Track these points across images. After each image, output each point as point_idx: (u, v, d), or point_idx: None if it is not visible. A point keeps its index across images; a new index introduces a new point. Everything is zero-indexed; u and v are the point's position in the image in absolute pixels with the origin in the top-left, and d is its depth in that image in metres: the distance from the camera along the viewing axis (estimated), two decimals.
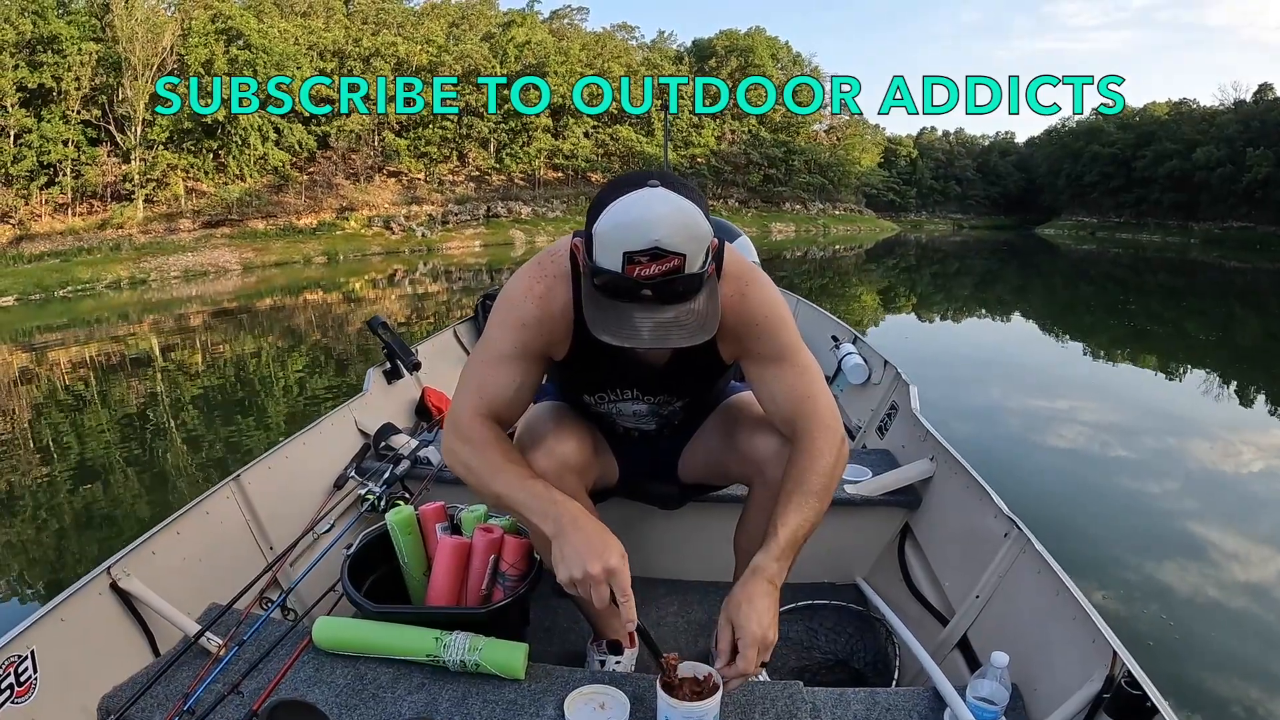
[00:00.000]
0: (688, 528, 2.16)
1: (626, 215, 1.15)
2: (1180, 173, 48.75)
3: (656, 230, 1.13)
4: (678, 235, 1.14)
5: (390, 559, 1.63)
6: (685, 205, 1.16)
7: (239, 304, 15.62)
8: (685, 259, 1.15)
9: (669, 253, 1.14)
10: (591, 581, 1.21)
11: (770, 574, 1.28)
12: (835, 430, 1.40)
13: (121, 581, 1.54)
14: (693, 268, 1.17)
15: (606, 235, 1.16)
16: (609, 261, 1.17)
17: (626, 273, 1.15)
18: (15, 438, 6.04)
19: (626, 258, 1.14)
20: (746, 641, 1.20)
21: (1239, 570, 3.68)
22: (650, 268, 1.14)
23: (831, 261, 26.99)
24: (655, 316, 1.18)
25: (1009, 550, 1.69)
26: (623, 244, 1.14)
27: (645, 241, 1.13)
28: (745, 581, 1.28)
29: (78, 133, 25.48)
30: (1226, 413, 6.94)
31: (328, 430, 2.51)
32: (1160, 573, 3.58)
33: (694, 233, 1.16)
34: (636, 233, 1.13)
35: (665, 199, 1.16)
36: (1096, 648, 1.31)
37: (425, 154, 34.30)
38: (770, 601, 1.25)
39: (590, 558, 1.21)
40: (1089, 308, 14.95)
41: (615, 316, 1.19)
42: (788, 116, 48.80)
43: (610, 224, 1.16)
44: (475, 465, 1.36)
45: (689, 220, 1.16)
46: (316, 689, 1.37)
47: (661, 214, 1.14)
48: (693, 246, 1.16)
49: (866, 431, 3.02)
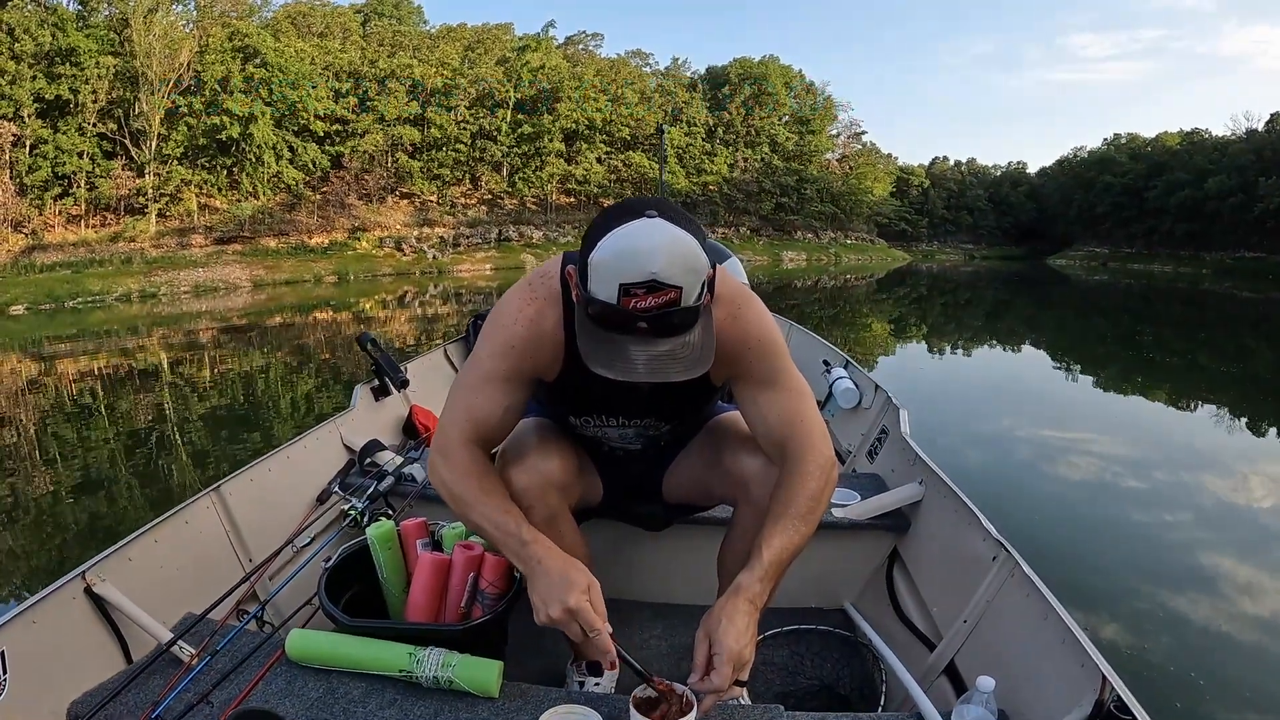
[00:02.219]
0: (672, 550, 2.13)
1: (624, 246, 1.13)
2: (1192, 203, 48.75)
3: (654, 262, 1.11)
4: (675, 268, 1.12)
5: (370, 574, 1.60)
6: (683, 237, 1.14)
7: (248, 321, 15.68)
8: (682, 292, 1.13)
9: (666, 285, 1.12)
10: (559, 624, 1.22)
11: (752, 594, 1.25)
12: (825, 454, 1.38)
13: (96, 586, 1.52)
14: (689, 300, 1.15)
15: (603, 266, 1.14)
16: (604, 292, 1.14)
17: (622, 304, 1.13)
18: (19, 444, 6.03)
19: (623, 289, 1.12)
20: (722, 657, 1.18)
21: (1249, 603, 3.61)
22: (647, 300, 1.12)
23: (843, 291, 26.96)
24: (651, 350, 1.17)
25: (997, 574, 1.66)
26: (619, 275, 1.12)
27: (643, 274, 1.11)
28: (726, 599, 1.25)
29: (93, 145, 25.84)
30: (1239, 444, 6.85)
31: (312, 445, 2.49)
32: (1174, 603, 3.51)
33: (691, 265, 1.14)
34: (634, 264, 1.11)
35: (663, 230, 1.13)
36: (1085, 672, 1.27)
37: (438, 176, 34.65)
38: (749, 621, 1.23)
39: (552, 601, 1.21)
40: (1101, 339, 14.86)
41: (610, 349, 1.18)
42: (800, 144, 49.08)
43: (607, 254, 1.14)
44: (456, 491, 1.37)
45: (687, 252, 1.14)
46: (287, 701, 1.34)
47: (659, 245, 1.12)
48: (690, 279, 1.14)
49: (857, 456, 2.98)
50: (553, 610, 1.21)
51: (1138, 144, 59.20)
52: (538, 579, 1.25)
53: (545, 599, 1.22)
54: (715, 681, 1.18)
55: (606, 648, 1.21)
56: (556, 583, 1.23)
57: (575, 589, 1.21)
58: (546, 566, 1.25)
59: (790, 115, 50.63)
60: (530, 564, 1.27)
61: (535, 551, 1.28)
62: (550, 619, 1.22)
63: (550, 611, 1.21)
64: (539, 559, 1.27)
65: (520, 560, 1.29)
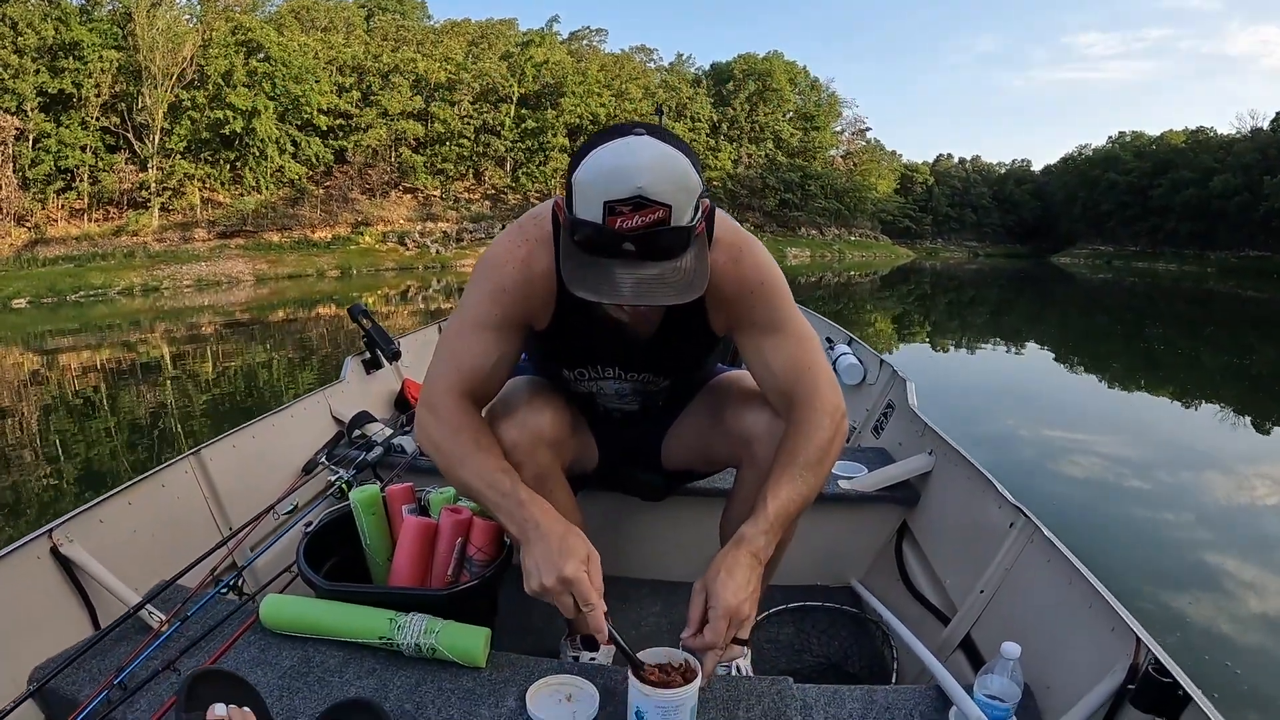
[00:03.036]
0: (672, 524, 2.05)
1: (609, 162, 1.06)
2: (1197, 201, 48.49)
3: (640, 177, 1.03)
4: (663, 183, 1.04)
5: (353, 542, 1.52)
6: (672, 153, 1.07)
7: (251, 316, 15.61)
8: (671, 210, 1.06)
9: (653, 202, 1.04)
10: (551, 595, 1.12)
11: (755, 547, 1.16)
12: (834, 402, 1.30)
13: (63, 547, 1.45)
14: (680, 220, 1.07)
15: (586, 184, 1.07)
16: (589, 213, 1.07)
17: (608, 224, 1.06)
18: (21, 437, 5.97)
19: (608, 208, 1.05)
20: (718, 611, 1.09)
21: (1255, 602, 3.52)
22: (633, 218, 1.05)
23: (847, 288, 26.85)
24: (638, 273, 1.08)
25: (1015, 541, 1.58)
26: (604, 193, 1.05)
27: (628, 189, 1.03)
28: (727, 551, 1.17)
29: (96, 139, 25.81)
30: (1243, 443, 6.74)
31: (299, 414, 2.41)
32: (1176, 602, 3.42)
33: (682, 183, 1.06)
34: (618, 180, 1.04)
35: (651, 146, 1.06)
36: (1117, 636, 1.19)
37: (441, 171, 34.59)
38: (751, 575, 1.14)
39: (547, 570, 1.12)
40: (1105, 337, 14.76)
41: (595, 272, 1.09)
42: (805, 140, 48.98)
43: (591, 171, 1.07)
44: (445, 447, 1.28)
45: (676, 168, 1.06)
46: (259, 670, 1.26)
47: (646, 160, 1.04)
48: (680, 198, 1.06)
49: (862, 432, 2.89)
50: (546, 578, 1.11)
51: (1143, 142, 58.94)
52: (533, 543, 1.15)
53: (540, 565, 1.13)
54: (708, 637, 1.09)
55: (600, 626, 1.12)
56: (554, 549, 1.13)
57: (573, 557, 1.12)
58: (544, 530, 1.16)
59: (795, 111, 50.64)
60: (526, 527, 1.17)
61: (532, 513, 1.18)
62: (542, 587, 1.12)
63: (544, 579, 1.12)
64: (536, 522, 1.17)
65: (515, 523, 1.19)
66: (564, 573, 1.11)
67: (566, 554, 1.12)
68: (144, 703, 1.18)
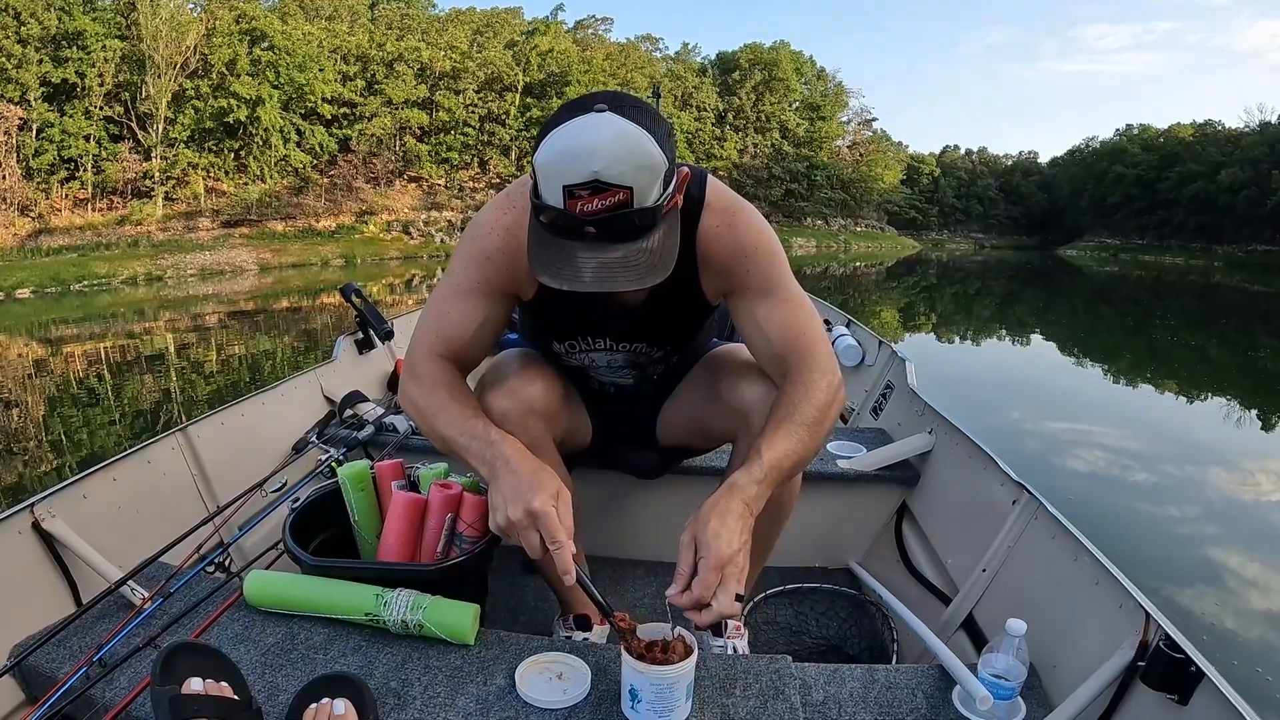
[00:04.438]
0: (667, 503, 2.01)
1: (565, 144, 1.02)
2: (1205, 195, 48.10)
3: (596, 160, 0.99)
4: (621, 165, 1.00)
5: (341, 519, 1.49)
6: (632, 132, 1.02)
7: (255, 304, 15.58)
8: (633, 192, 1.02)
9: (612, 185, 1.00)
10: (517, 529, 1.08)
11: (747, 495, 1.11)
12: (831, 369, 1.25)
13: (45, 522, 1.42)
14: (643, 201, 1.03)
15: (546, 167, 1.03)
16: (551, 196, 1.04)
17: (568, 208, 1.02)
18: (23, 424, 5.96)
19: (567, 192, 1.01)
20: (708, 561, 1.03)
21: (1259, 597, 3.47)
22: (592, 202, 1.01)
23: (852, 278, 26.76)
24: (600, 256, 1.05)
25: (1018, 518, 1.54)
26: (562, 176, 1.01)
27: (584, 174, 1.00)
28: (718, 497, 1.11)
29: (100, 128, 25.76)
30: (1251, 438, 6.68)
31: (290, 394, 2.38)
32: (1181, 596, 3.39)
33: (641, 162, 1.02)
34: (575, 164, 1.00)
35: (609, 125, 1.01)
36: (1125, 613, 1.15)
37: (446, 160, 34.49)
38: (743, 525, 1.08)
39: (513, 502, 1.08)
40: (1111, 330, 14.69)
41: (557, 256, 1.06)
42: (811, 130, 48.79)
43: (549, 154, 1.03)
44: (423, 405, 1.26)
45: (635, 148, 1.01)
46: (242, 647, 1.23)
47: (603, 142, 1.00)
48: (642, 178, 1.02)
49: (861, 413, 2.85)
50: (512, 511, 1.07)
51: (1150, 135, 58.50)
52: (501, 477, 1.12)
53: (506, 498, 1.09)
54: (696, 591, 1.03)
55: (567, 566, 1.07)
56: (523, 481, 1.09)
57: (542, 491, 1.08)
58: (514, 465, 1.12)
59: (801, 101, 50.38)
60: (496, 464, 1.14)
61: (504, 451, 1.15)
62: (509, 520, 1.08)
63: (510, 512, 1.08)
64: (506, 458, 1.13)
65: (486, 463, 1.15)
66: (531, 505, 1.06)
67: (535, 488, 1.08)
68: (124, 679, 1.16)
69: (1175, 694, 1.00)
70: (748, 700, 1.14)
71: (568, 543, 1.08)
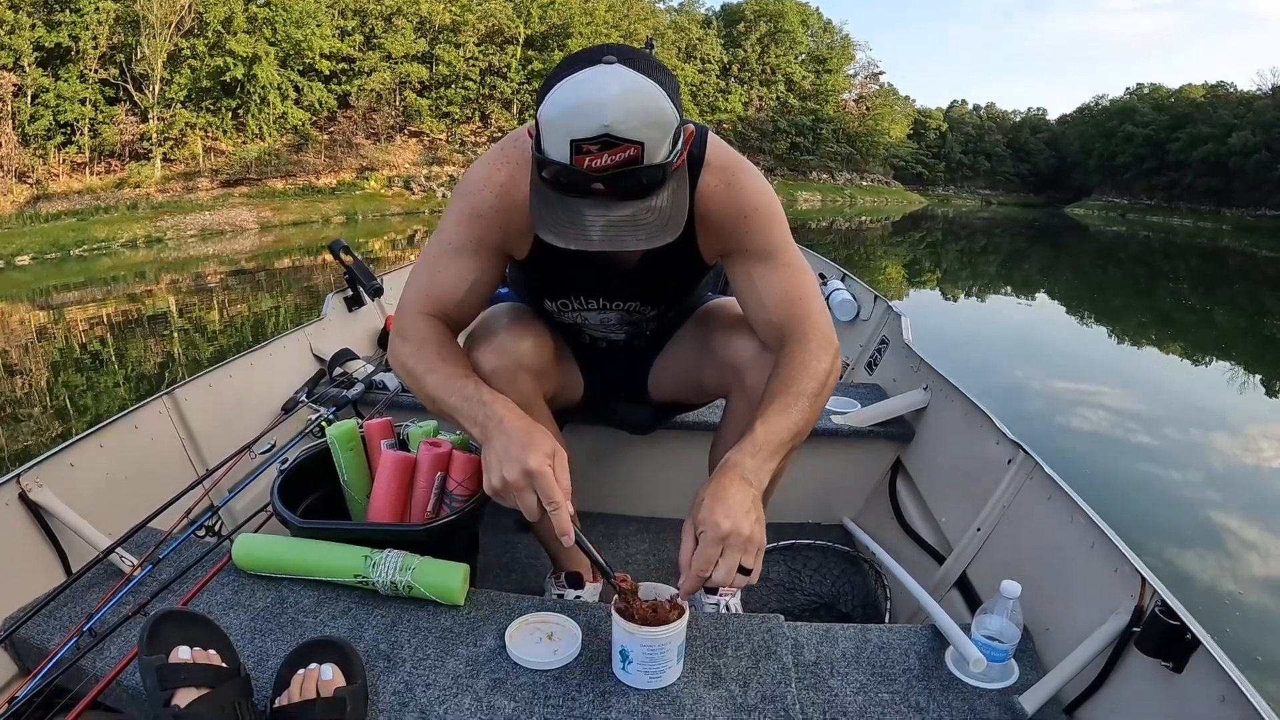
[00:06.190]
0: (659, 459, 2.00)
1: (573, 97, 0.98)
2: (1215, 157, 47.09)
3: (607, 114, 0.96)
4: (632, 119, 0.97)
5: (331, 480, 1.48)
6: (644, 85, 0.98)
7: (256, 263, 15.50)
8: (644, 148, 0.98)
9: (622, 140, 0.97)
10: (513, 490, 1.05)
11: (744, 470, 1.08)
12: (829, 336, 1.23)
13: (33, 493, 1.39)
14: (653, 158, 1.00)
15: (552, 121, 0.99)
16: (557, 151, 1.00)
17: (575, 164, 0.98)
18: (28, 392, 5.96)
19: (574, 147, 0.98)
20: (708, 536, 1.01)
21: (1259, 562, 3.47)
22: (601, 158, 0.97)
23: (857, 233, 26.59)
24: (608, 214, 1.01)
25: (1014, 478, 1.52)
26: (569, 131, 0.97)
27: (594, 128, 0.96)
28: (713, 477, 1.08)
29: (95, 92, 25.38)
30: (1255, 403, 6.66)
31: (278, 353, 2.36)
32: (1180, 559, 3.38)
33: (653, 117, 0.98)
34: (584, 117, 0.96)
35: (619, 77, 0.98)
36: (1120, 577, 1.13)
37: (447, 114, 34.02)
38: (744, 496, 1.05)
39: (508, 462, 1.05)
40: (1117, 291, 14.60)
41: (563, 214, 1.03)
42: (817, 84, 48.11)
43: (556, 108, 0.99)
44: (412, 366, 1.22)
45: (646, 102, 0.98)
46: (232, 612, 1.23)
47: (614, 95, 0.96)
48: (653, 134, 0.99)
49: (855, 368, 2.83)
50: (508, 471, 1.04)
51: (1161, 95, 57.40)
52: (494, 438, 1.09)
53: (501, 458, 1.06)
54: (697, 565, 1.01)
55: (565, 527, 1.05)
56: (517, 441, 1.06)
57: (538, 450, 1.05)
58: (507, 426, 1.09)
59: (807, 54, 49.49)
60: (488, 424, 1.11)
61: (497, 411, 1.12)
62: (503, 482, 1.05)
63: (505, 473, 1.05)
64: (499, 418, 1.10)
65: (478, 424, 1.13)
66: (528, 465, 1.04)
67: (531, 447, 1.06)
68: (114, 648, 1.15)
69: (1170, 661, 0.99)
70: (739, 660, 1.13)
71: (565, 503, 1.06)
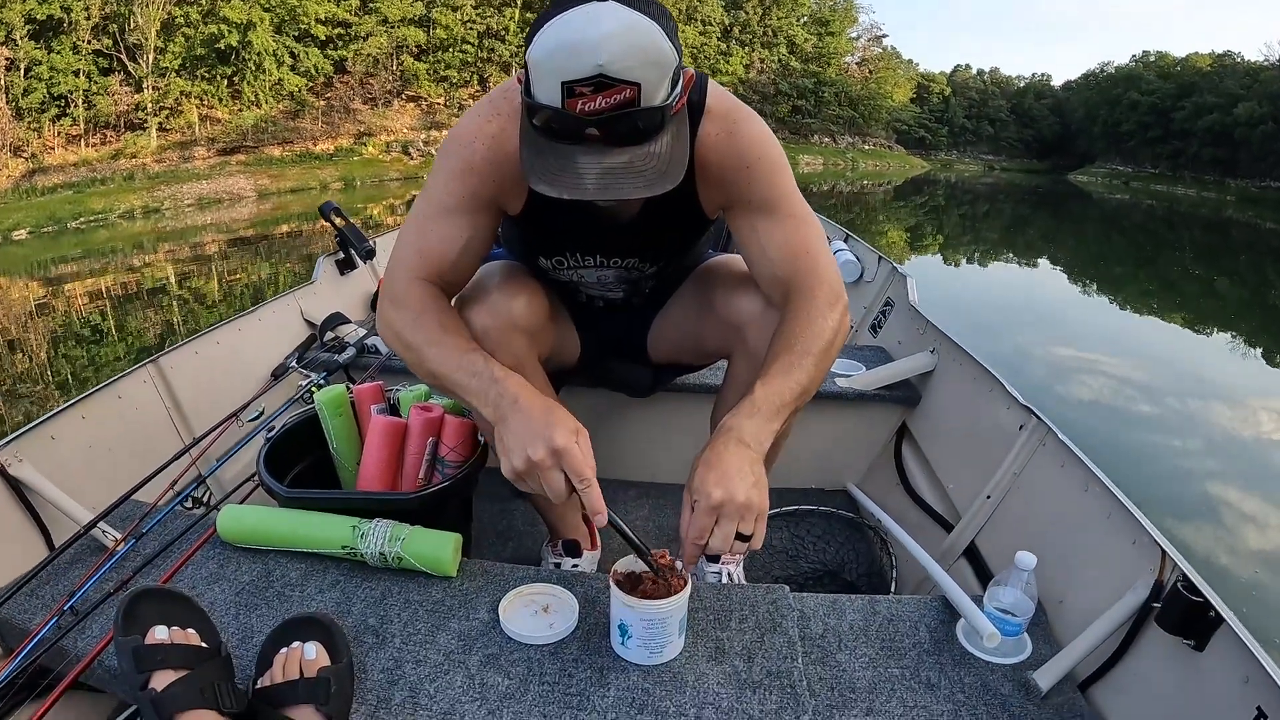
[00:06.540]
0: (660, 422, 1.95)
1: (564, 36, 0.90)
2: (1220, 127, 46.44)
3: (601, 52, 0.89)
4: (629, 59, 0.90)
5: (321, 447, 1.43)
6: (640, 22, 0.91)
7: (254, 231, 15.39)
8: (640, 89, 0.91)
9: (618, 81, 0.90)
10: (538, 470, 0.98)
11: (741, 433, 1.02)
12: (837, 290, 1.17)
13: (13, 468, 1.34)
14: (651, 100, 0.93)
15: (542, 61, 0.92)
16: (547, 95, 0.93)
17: (567, 107, 0.92)
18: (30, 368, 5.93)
19: (566, 89, 0.91)
20: (701, 505, 0.96)
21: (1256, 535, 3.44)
22: (595, 100, 0.91)
23: (859, 197, 26.39)
24: (603, 161, 0.95)
25: (1026, 444, 1.47)
26: (560, 71, 0.91)
27: (588, 67, 0.89)
28: (709, 443, 1.03)
29: (89, 63, 25.02)
30: (1252, 374, 6.61)
31: (268, 318, 2.29)
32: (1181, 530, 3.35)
33: (651, 56, 0.92)
34: (576, 56, 0.89)
35: (614, 14, 0.91)
36: (1139, 549, 1.08)
37: (445, 78, 33.62)
38: (740, 461, 0.99)
39: (531, 441, 0.97)
40: (1120, 259, 14.51)
41: (555, 162, 0.96)
42: (819, 46, 47.51)
43: (546, 47, 0.92)
44: (409, 338, 1.14)
45: (644, 41, 0.91)
46: (216, 586, 1.18)
47: (608, 32, 0.89)
48: (650, 74, 0.92)
49: (859, 330, 2.76)
50: (534, 451, 0.97)
51: (1167, 63, 56.68)
52: (513, 419, 1.01)
53: (523, 439, 0.98)
54: (691, 534, 0.97)
55: (598, 506, 0.98)
56: (539, 421, 0.99)
57: (563, 428, 0.99)
58: (524, 405, 1.02)
59: (809, 16, 48.76)
60: (503, 404, 1.03)
61: (510, 389, 1.04)
62: (529, 462, 0.97)
63: (531, 453, 0.97)
64: (515, 396, 1.03)
65: (490, 403, 1.05)
66: (555, 443, 0.97)
67: (555, 424, 0.99)
68: (96, 627, 1.11)
69: (1191, 639, 0.94)
70: (744, 634, 1.09)
71: (594, 480, 0.99)
